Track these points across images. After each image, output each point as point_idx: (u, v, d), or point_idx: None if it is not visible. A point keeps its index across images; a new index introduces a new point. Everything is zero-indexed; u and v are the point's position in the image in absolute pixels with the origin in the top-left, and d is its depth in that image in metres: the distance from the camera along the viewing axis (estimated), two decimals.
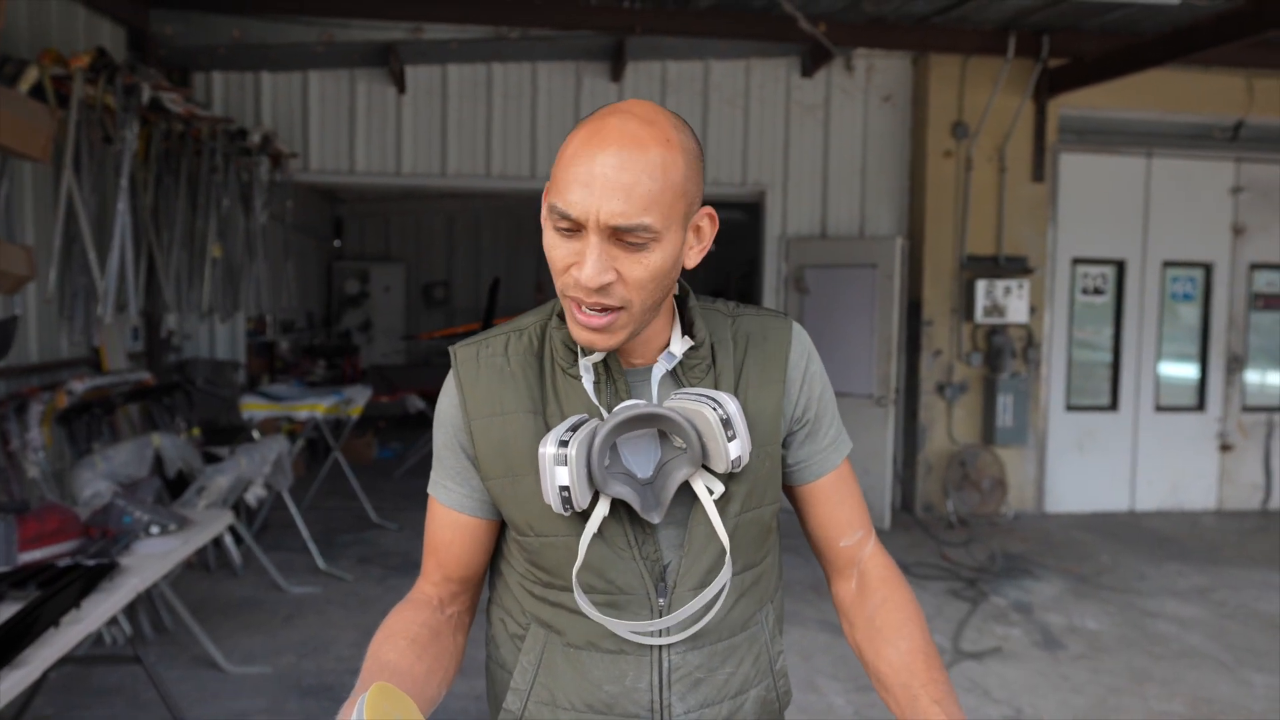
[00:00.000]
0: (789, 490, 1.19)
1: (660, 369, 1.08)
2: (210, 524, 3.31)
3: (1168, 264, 6.83)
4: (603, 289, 0.96)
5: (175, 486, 4.13)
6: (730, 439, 1.00)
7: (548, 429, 1.05)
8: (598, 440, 0.99)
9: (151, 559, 2.82)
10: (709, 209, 1.06)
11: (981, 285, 6.29)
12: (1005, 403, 6.36)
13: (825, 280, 6.29)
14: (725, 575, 1.06)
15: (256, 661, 3.73)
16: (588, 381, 1.06)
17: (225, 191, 4.90)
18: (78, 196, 3.67)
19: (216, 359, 6.11)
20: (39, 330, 4.21)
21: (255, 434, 5.18)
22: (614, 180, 0.93)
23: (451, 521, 1.14)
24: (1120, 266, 6.78)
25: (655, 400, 1.07)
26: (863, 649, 1.15)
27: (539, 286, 11.52)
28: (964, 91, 6.33)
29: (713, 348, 1.10)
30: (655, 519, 1.02)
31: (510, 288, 11.41)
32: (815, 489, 1.17)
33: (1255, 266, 6.93)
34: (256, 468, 4.34)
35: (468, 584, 1.18)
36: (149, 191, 4.27)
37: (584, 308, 0.98)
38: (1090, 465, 6.75)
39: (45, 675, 2.54)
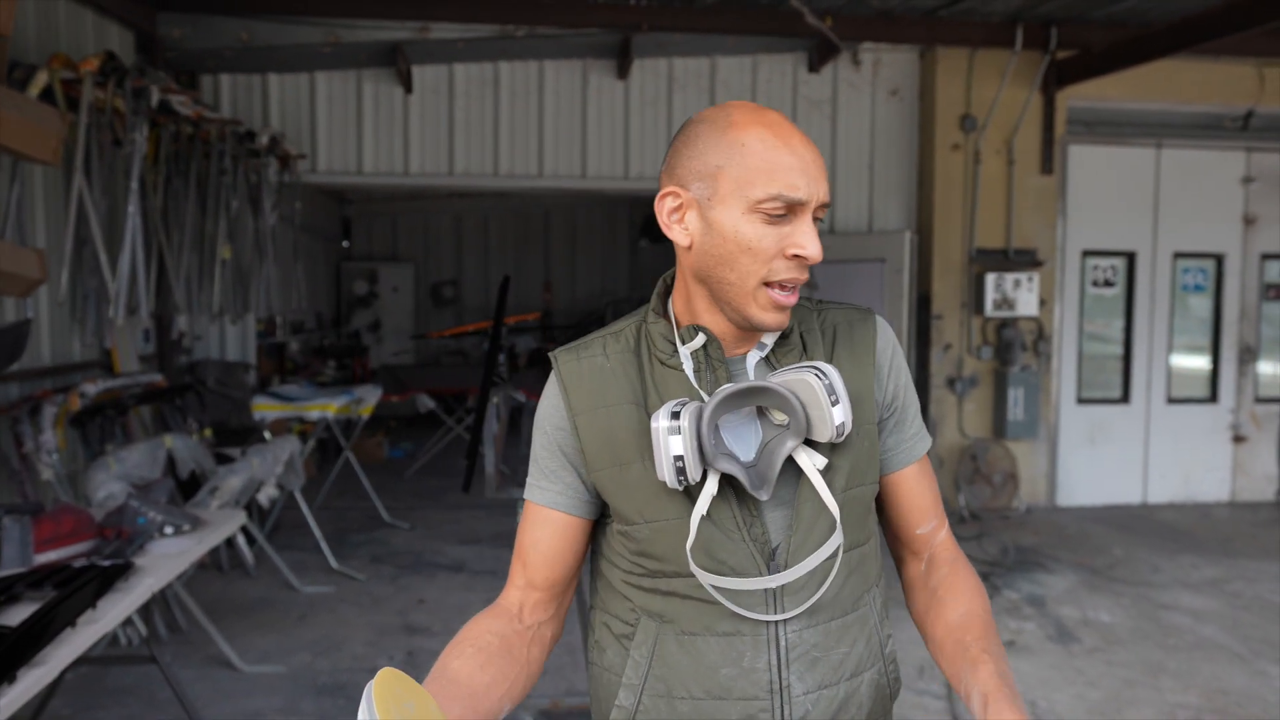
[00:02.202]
0: None
1: (754, 356, 1.12)
2: (223, 524, 3.33)
3: (1178, 255, 6.79)
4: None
5: (188, 487, 4.15)
6: (834, 403, 1.02)
7: (648, 419, 1.09)
8: (706, 413, 1.02)
9: (166, 559, 2.83)
10: None
11: (991, 279, 6.27)
12: (1016, 396, 6.34)
13: (834, 275, 6.28)
14: (838, 537, 1.08)
15: (271, 661, 3.75)
16: (689, 369, 1.10)
17: (234, 193, 4.92)
18: (88, 199, 3.69)
19: (227, 360, 6.14)
20: (51, 333, 4.23)
21: (267, 434, 5.20)
22: (816, 163, 1.04)
23: (542, 519, 1.16)
24: (1130, 258, 6.74)
25: None
26: (922, 618, 1.18)
27: (547, 285, 11.53)
28: (971, 84, 6.31)
29: (802, 337, 1.14)
30: (763, 495, 1.04)
31: (519, 286, 11.42)
32: (900, 477, 1.20)
33: (1267, 256, 6.89)
34: (268, 468, 4.36)
35: (552, 591, 1.18)
36: (159, 194, 4.29)
37: (786, 287, 1.05)
38: (1102, 458, 6.72)
39: (62, 675, 2.56)
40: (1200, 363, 6.96)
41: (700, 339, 1.10)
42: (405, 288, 11.12)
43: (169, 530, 2.96)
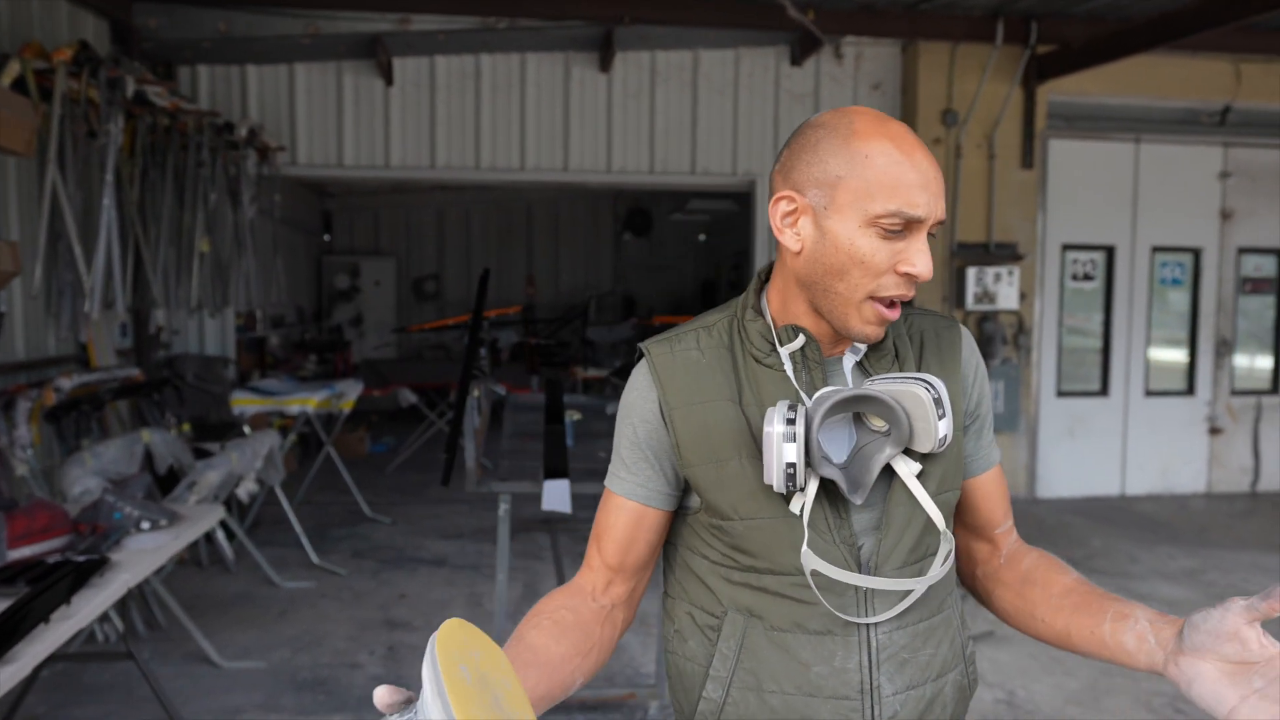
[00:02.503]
0: None
1: (850, 360, 1.13)
2: (201, 519, 3.30)
3: (1157, 249, 6.85)
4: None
5: (166, 483, 4.11)
6: (940, 417, 1.03)
7: (744, 417, 1.09)
8: (816, 419, 1.02)
9: (142, 554, 2.81)
10: None
11: (972, 272, 6.30)
12: (997, 389, 6.38)
13: None
14: (948, 543, 1.09)
15: (251, 656, 3.72)
16: (789, 368, 1.10)
17: (212, 185, 4.87)
18: (62, 191, 3.64)
19: (206, 355, 6.09)
20: (25, 327, 4.18)
21: (246, 429, 5.16)
22: (937, 180, 1.04)
23: (619, 506, 1.17)
24: (1110, 252, 6.80)
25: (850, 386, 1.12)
26: (1022, 597, 1.19)
27: (530, 279, 11.50)
28: (953, 79, 6.33)
29: (894, 344, 1.15)
30: (858, 500, 1.04)
31: (502, 280, 11.39)
32: (981, 482, 1.23)
33: (1243, 251, 6.96)
34: (248, 463, 4.33)
35: (627, 574, 1.19)
36: (135, 186, 4.25)
37: (892, 303, 1.06)
38: (1081, 450, 6.78)
39: (36, 672, 2.53)
40: (1178, 356, 7.03)
41: (800, 340, 1.10)
42: (387, 282, 11.07)
43: (145, 525, 2.94)
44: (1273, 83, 6.72)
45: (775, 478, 1.02)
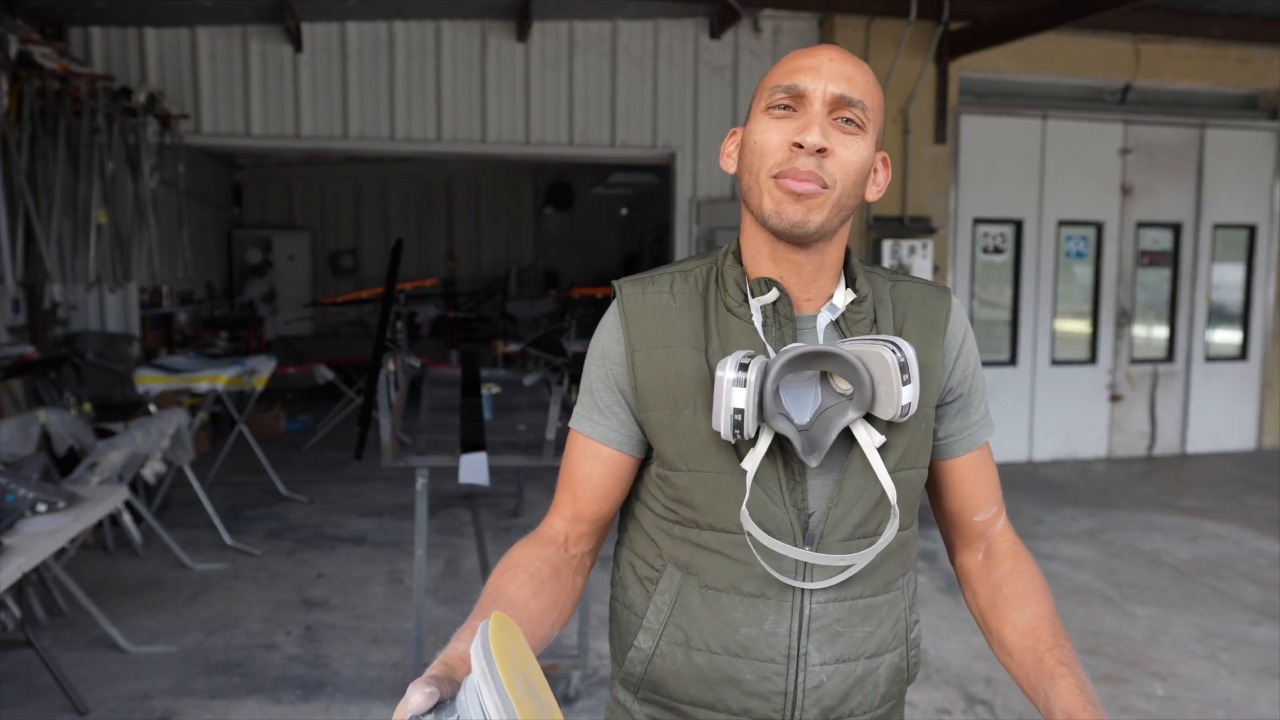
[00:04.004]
0: (931, 464, 1.17)
1: (825, 318, 1.09)
2: (103, 501, 3.18)
3: (1062, 223, 7.09)
4: (820, 156, 1.02)
5: (66, 464, 3.95)
6: (905, 383, 1.00)
7: (708, 366, 1.07)
8: (773, 370, 1.00)
9: (38, 538, 2.69)
10: (884, 154, 1.13)
11: (888, 245, 6.43)
12: None
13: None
14: (894, 527, 1.06)
15: (160, 641, 3.61)
16: (758, 321, 1.07)
17: (109, 154, 4.65)
18: None
19: (108, 332, 5.84)
20: None
21: (152, 408, 4.97)
22: (839, 66, 1.04)
23: (593, 453, 1.14)
24: (1018, 226, 7.01)
25: None
26: (987, 616, 1.15)
27: (450, 254, 11.33)
28: (869, 53, 6.41)
29: (874, 305, 1.12)
30: (813, 462, 1.01)
31: (422, 254, 11.19)
32: (960, 464, 1.18)
33: (1142, 225, 7.26)
34: (153, 442, 4.18)
35: (597, 524, 1.16)
36: (23, 153, 4.03)
37: (796, 177, 1.02)
38: (992, 418, 7.00)
39: None
40: (1081, 326, 7.31)
41: (773, 294, 1.08)
42: (302, 256, 10.77)
43: (41, 508, 2.82)
44: (1170, 62, 6.99)
45: (722, 424, 1.00)
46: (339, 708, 3.12)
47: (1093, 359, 7.27)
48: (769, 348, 1.06)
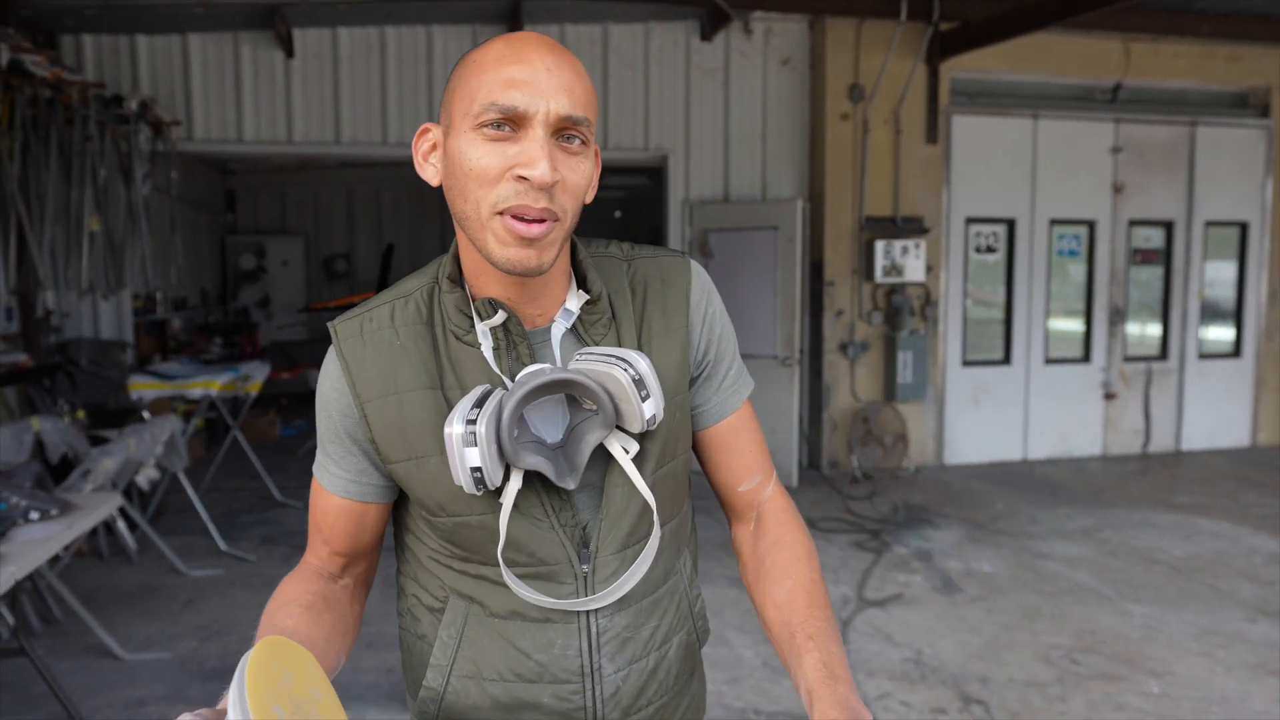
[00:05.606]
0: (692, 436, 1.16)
1: (560, 327, 1.03)
2: (97, 508, 3.17)
3: (1055, 222, 7.11)
4: (551, 189, 0.91)
5: (60, 472, 3.94)
6: (644, 399, 0.96)
7: (447, 403, 0.99)
8: (506, 414, 0.93)
9: (31, 545, 2.68)
10: (595, 146, 1.02)
11: (880, 246, 6.44)
12: (905, 360, 6.56)
13: (729, 243, 6.35)
14: (654, 542, 1.04)
15: (155, 647, 3.61)
16: (487, 348, 1.00)
17: (101, 161, 4.65)
18: None
19: (102, 339, 5.83)
20: None
21: (145, 415, 4.97)
22: (557, 77, 0.91)
23: (335, 506, 1.09)
24: (1011, 225, 7.03)
25: (559, 361, 1.02)
26: (753, 592, 1.13)
27: None
28: (860, 55, 6.43)
29: (610, 299, 1.05)
30: (570, 485, 0.98)
31: (414, 259, 11.17)
32: (715, 433, 1.14)
33: (1134, 223, 7.28)
34: (147, 449, 4.17)
35: (357, 557, 1.14)
36: (15, 161, 4.02)
37: (524, 218, 0.91)
38: (986, 418, 7.03)
39: None
40: (1074, 325, 7.33)
41: (500, 317, 1.00)
42: (295, 262, 10.75)
43: (34, 515, 2.81)
44: (1159, 61, 7.02)
45: (463, 481, 0.94)
46: None
47: (1086, 358, 7.29)
48: (504, 379, 1.00)
